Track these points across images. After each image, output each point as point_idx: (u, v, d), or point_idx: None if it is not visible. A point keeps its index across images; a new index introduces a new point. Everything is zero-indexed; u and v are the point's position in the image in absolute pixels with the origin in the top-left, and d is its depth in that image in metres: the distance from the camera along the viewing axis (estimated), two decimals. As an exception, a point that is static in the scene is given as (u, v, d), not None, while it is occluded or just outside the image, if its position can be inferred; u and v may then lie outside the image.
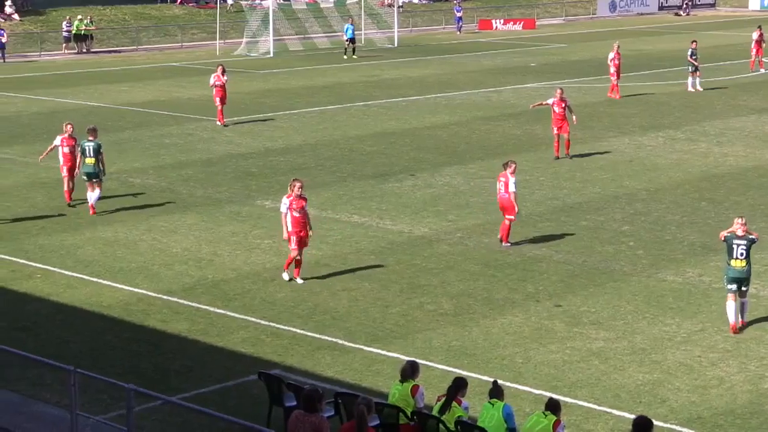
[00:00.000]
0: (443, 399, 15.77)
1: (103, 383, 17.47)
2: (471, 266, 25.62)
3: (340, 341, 21.10)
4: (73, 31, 69.20)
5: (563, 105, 36.15)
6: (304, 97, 50.38)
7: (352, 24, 67.46)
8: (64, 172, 30.83)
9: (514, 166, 26.81)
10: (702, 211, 30.25)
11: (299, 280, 24.46)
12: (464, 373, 19.21)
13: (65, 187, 31.01)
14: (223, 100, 42.46)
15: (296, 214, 23.97)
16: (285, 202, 24.08)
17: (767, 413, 18.10)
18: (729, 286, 21.53)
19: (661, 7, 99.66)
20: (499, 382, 16.19)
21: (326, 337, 21.27)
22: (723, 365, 19.95)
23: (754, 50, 57.97)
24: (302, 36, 74.28)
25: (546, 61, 64.16)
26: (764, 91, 51.42)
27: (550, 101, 36.68)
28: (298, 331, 21.62)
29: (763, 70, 58.05)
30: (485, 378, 19.26)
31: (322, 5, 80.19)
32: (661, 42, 74.00)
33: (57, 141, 30.86)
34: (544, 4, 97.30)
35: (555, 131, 36.41)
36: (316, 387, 14.84)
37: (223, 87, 42.32)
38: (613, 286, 24.24)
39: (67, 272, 25.15)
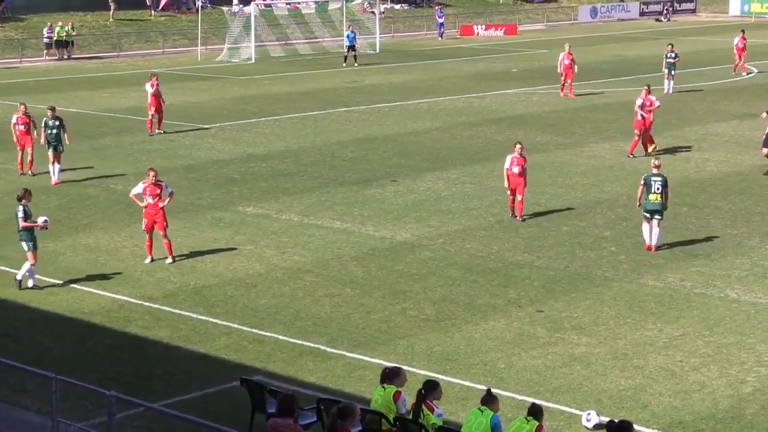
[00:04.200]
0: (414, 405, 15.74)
1: (85, 390, 17.40)
2: (453, 272, 25.66)
3: (323, 347, 21.10)
4: (54, 38, 69.04)
5: (571, 58, 50.66)
6: (285, 103, 50.38)
7: (352, 31, 66.95)
8: (18, 147, 35.63)
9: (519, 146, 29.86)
10: (683, 216, 30.34)
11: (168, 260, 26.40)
12: (446, 378, 19.26)
13: (19, 159, 35.78)
14: (158, 110, 42.29)
15: (150, 200, 26.09)
16: (140, 187, 26.45)
17: (748, 417, 18.17)
18: (645, 215, 27.09)
19: (642, 13, 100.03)
20: (482, 388, 16.18)
21: (308, 343, 21.27)
22: (704, 370, 20.01)
23: (737, 55, 58.69)
24: (284, 42, 74.29)
25: (527, 66, 64.31)
26: (745, 96, 51.64)
27: (560, 56, 51.26)
28: (281, 337, 21.62)
29: (744, 74, 58.51)
30: (467, 383, 19.32)
31: (303, 11, 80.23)
32: (643, 47, 74.21)
33: (14, 119, 35.65)
34: (526, 10, 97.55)
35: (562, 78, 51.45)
36: (291, 392, 14.81)
37: (155, 96, 42.07)
38: (595, 292, 24.31)
39: (48, 279, 25.07)
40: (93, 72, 63.12)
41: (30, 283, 24.44)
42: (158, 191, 26.05)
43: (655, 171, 27.02)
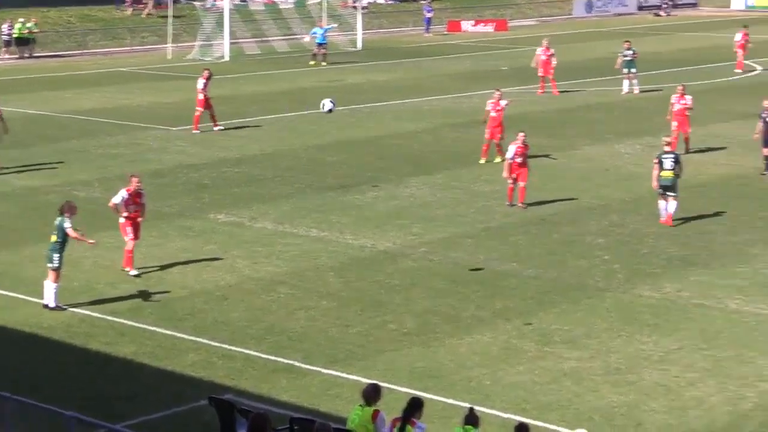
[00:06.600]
0: (398, 423, 15.74)
1: (43, 411, 17.36)
2: (436, 282, 25.68)
3: (297, 363, 21.10)
4: (15, 35, 68.87)
5: (548, 53, 51.74)
6: (261, 104, 50.35)
7: (321, 27, 66.92)
8: None
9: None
10: (680, 222, 30.40)
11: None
12: (429, 396, 19.26)
13: None
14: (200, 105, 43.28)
15: (132, 209, 26.27)
16: (123, 194, 26.25)
17: (748, 436, 18.23)
18: (659, 191, 29.91)
19: (640, 7, 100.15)
20: (465, 405, 16.20)
21: (282, 359, 21.27)
22: (701, 385, 20.07)
23: (740, 51, 59.01)
24: (259, 39, 74.18)
25: (518, 64, 64.24)
26: (746, 95, 51.65)
27: (538, 51, 52.34)
28: (252, 352, 21.61)
29: (739, 71, 58.84)
30: (451, 401, 19.33)
31: (280, 6, 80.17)
32: (641, 44, 74.10)
33: None
34: (517, 4, 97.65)
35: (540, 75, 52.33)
36: (263, 411, 14.82)
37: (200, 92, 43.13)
38: (587, 303, 24.35)
39: (4, 292, 25.03)
40: (55, 71, 62.98)
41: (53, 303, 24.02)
42: (140, 200, 26.34)
43: (667, 149, 30.74)
